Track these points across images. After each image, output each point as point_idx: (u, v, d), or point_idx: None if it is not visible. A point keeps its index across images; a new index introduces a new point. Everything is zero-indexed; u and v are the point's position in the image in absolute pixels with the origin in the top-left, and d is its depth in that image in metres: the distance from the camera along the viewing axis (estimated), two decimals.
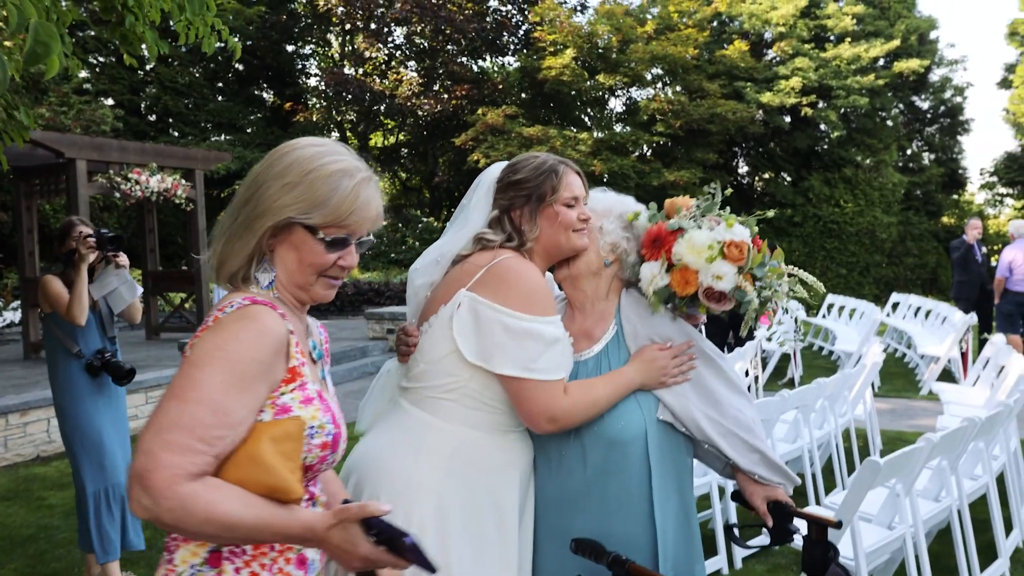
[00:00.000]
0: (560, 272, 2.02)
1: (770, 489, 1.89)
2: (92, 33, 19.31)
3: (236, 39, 3.61)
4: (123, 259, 3.80)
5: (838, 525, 1.73)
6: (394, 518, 1.74)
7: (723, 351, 6.33)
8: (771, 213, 1.89)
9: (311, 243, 1.42)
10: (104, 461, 3.78)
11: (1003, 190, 22.67)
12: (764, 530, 1.90)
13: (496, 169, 2.01)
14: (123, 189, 10.39)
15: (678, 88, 20.05)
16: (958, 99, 22.56)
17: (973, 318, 8.85)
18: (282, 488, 1.30)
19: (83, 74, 20.21)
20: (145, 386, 7.50)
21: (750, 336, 7.49)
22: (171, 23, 3.26)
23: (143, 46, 3.17)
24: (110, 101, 20.75)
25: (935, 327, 10.33)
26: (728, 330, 8.77)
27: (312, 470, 1.43)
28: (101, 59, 20.81)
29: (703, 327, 9.18)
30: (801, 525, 1.86)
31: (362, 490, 1.84)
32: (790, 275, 1.90)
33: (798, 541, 1.90)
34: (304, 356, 1.45)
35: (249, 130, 22.55)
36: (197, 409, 1.25)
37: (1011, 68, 21.16)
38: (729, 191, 2.06)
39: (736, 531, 2.01)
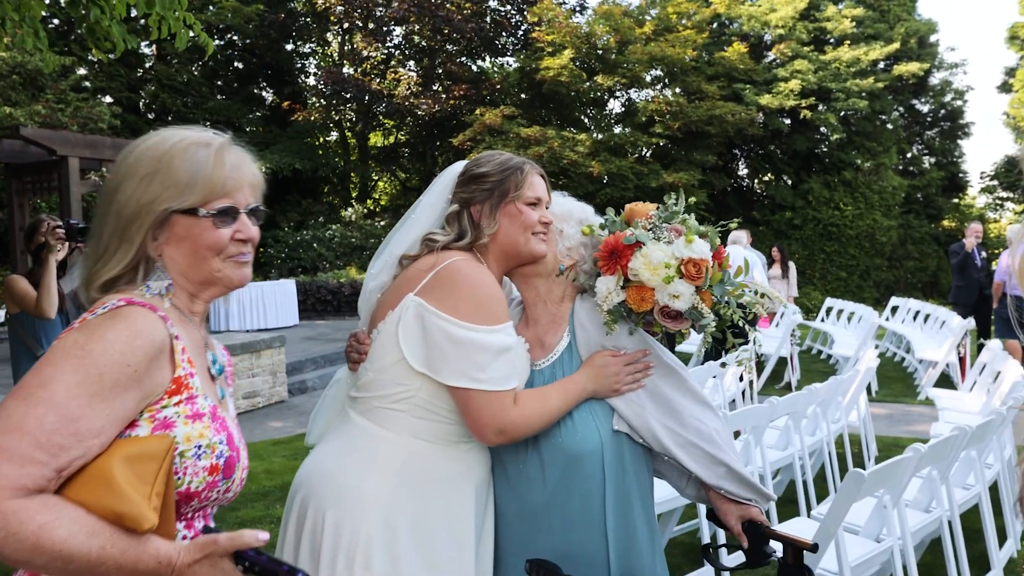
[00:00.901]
0: (542, 255, 1.90)
1: (744, 508, 1.81)
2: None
3: (224, 36, 3.53)
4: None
5: (814, 548, 1.64)
6: (341, 535, 1.68)
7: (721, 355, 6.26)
8: (735, 223, 1.82)
9: (197, 225, 1.29)
10: None
11: (1003, 194, 22.59)
12: (742, 550, 1.82)
13: (458, 166, 1.94)
14: None
15: (677, 89, 19.97)
16: (958, 102, 22.48)
17: (971, 323, 8.77)
18: (131, 515, 1.10)
19: (81, 71, 20.15)
20: None
21: (745, 340, 7.39)
22: (144, 18, 3.18)
23: (112, 41, 3.10)
24: (108, 99, 20.69)
25: (934, 331, 10.25)
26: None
27: (196, 498, 1.26)
28: (112, 56, 20.74)
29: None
30: (778, 547, 1.78)
31: (307, 506, 1.76)
32: (755, 292, 1.84)
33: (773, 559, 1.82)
34: (194, 367, 1.30)
35: (248, 129, 22.48)
36: (42, 412, 1.08)
37: (1011, 72, 21.07)
38: (711, 196, 1.99)
39: (713, 551, 1.93)
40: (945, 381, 9.22)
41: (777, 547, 1.75)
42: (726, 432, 1.88)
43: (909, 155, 23.01)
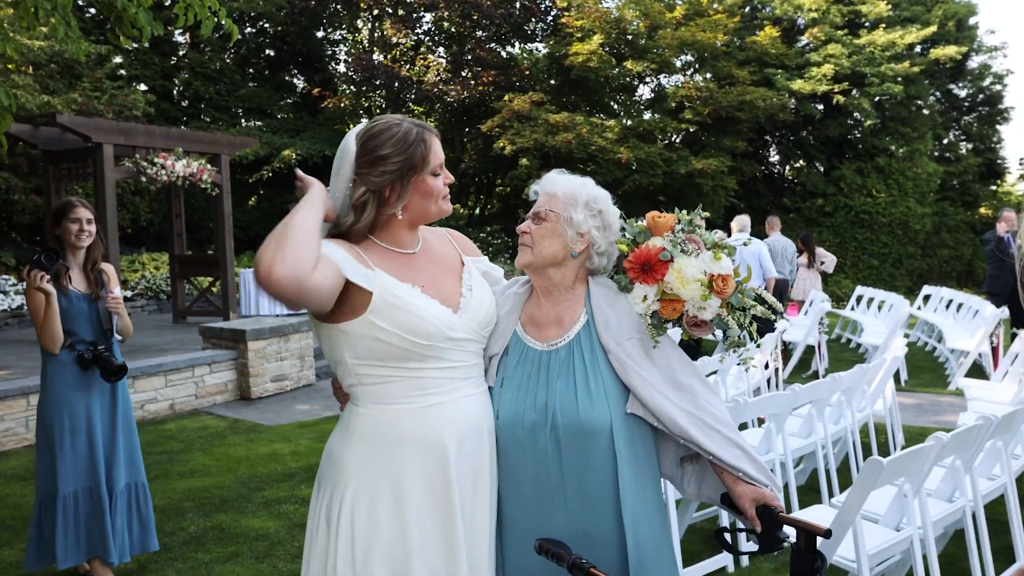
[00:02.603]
0: (525, 265, 1.98)
1: (758, 491, 1.81)
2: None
3: (255, 24, 3.58)
4: (116, 298, 3.74)
5: (827, 534, 1.65)
6: (332, 506, 1.83)
7: None
8: (731, 249, 1.92)
9: None
10: (90, 459, 3.64)
11: None
12: (755, 535, 1.83)
13: (351, 143, 1.84)
14: (149, 173, 10.50)
15: (707, 75, 19.71)
16: (997, 87, 21.93)
17: (1005, 312, 8.60)
18: None
19: (116, 60, 20.44)
20: (164, 369, 7.58)
21: (770, 328, 7.35)
22: (169, 4, 3.23)
23: (139, 28, 3.15)
24: (143, 87, 20.97)
25: (966, 321, 10.08)
26: None
27: None
28: (135, 45, 21.02)
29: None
30: (792, 533, 1.78)
31: (320, 480, 1.92)
32: (756, 298, 1.94)
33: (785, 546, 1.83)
34: None
35: (279, 116, 22.65)
36: None
37: None
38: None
39: (727, 536, 1.94)
40: (977, 371, 9.08)
41: (790, 533, 1.75)
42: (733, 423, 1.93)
43: (945, 141, 22.53)
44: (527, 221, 1.98)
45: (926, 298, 12.62)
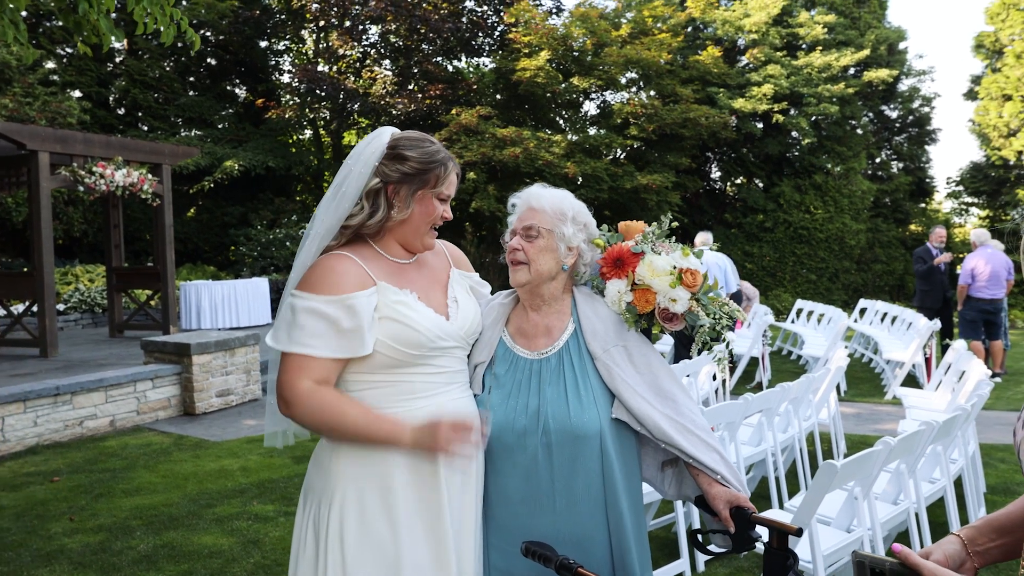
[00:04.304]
0: (522, 284, 2.02)
1: (732, 493, 1.88)
2: (60, 24, 18.94)
3: (207, 33, 3.53)
4: None
5: (799, 533, 1.71)
6: (320, 513, 1.84)
7: (688, 357, 6.38)
8: (715, 245, 2.06)
9: None
10: None
11: (968, 199, 23.03)
12: (727, 536, 1.88)
13: (385, 135, 1.96)
14: (87, 183, 10.21)
15: (652, 92, 20.12)
16: (926, 109, 22.90)
17: (937, 324, 8.97)
18: None
19: (50, 65, 19.81)
20: (105, 384, 7.35)
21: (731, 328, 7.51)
22: (130, 12, 3.17)
23: (99, 35, 3.08)
24: (77, 93, 20.37)
25: (900, 333, 10.47)
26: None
27: None
28: (69, 50, 20.41)
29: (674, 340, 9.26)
30: (763, 532, 1.84)
31: (307, 496, 1.92)
32: (722, 304, 2.02)
33: (757, 546, 1.88)
34: None
35: (220, 126, 22.25)
36: None
37: (977, 80, 21.52)
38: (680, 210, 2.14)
39: (700, 537, 1.99)
40: (911, 381, 9.43)
41: (763, 533, 1.81)
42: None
43: (878, 160, 23.39)
44: (516, 238, 2.00)
45: (862, 311, 13.06)
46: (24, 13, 17.32)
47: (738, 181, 22.92)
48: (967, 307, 9.93)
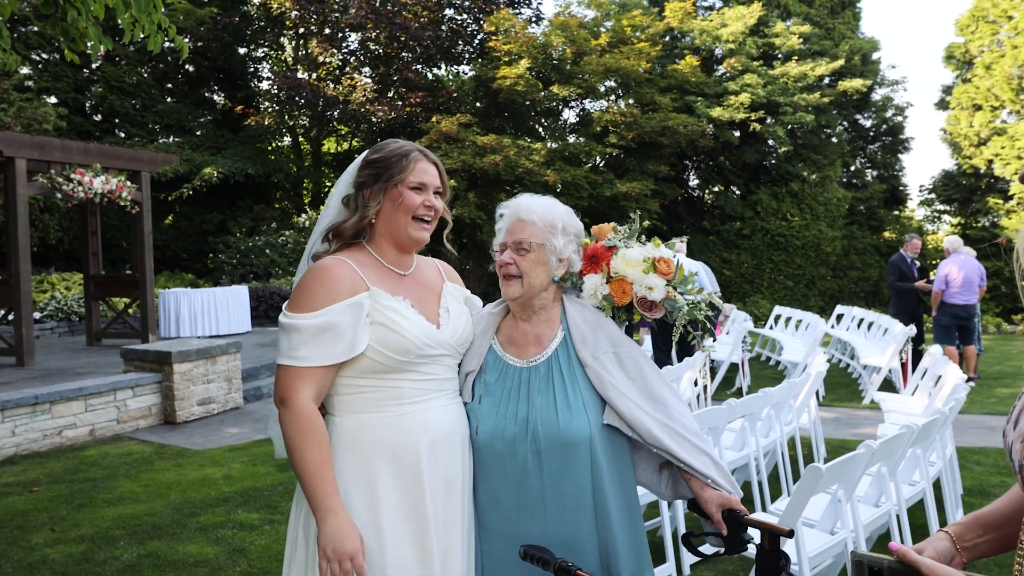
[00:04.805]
0: (515, 298, 2.05)
1: (724, 496, 1.91)
2: (35, 29, 18.75)
3: (186, 39, 3.54)
4: None
5: (790, 534, 1.75)
6: (311, 514, 1.83)
7: (669, 364, 6.43)
8: (685, 238, 2.14)
9: None
10: None
11: (940, 207, 23.41)
12: (719, 538, 1.92)
13: (364, 154, 2.09)
14: (65, 190, 10.11)
15: (631, 101, 20.28)
16: (899, 118, 23.26)
17: (912, 330, 9.11)
18: None
19: (25, 70, 19.57)
20: (85, 393, 7.27)
21: (693, 347, 7.58)
22: (118, 20, 3.17)
23: (87, 42, 3.08)
24: (53, 99, 20.12)
25: (877, 338, 10.61)
26: (671, 345, 8.90)
27: None
28: (44, 56, 20.19)
29: (650, 343, 9.33)
30: (755, 534, 1.88)
31: (299, 492, 1.92)
32: (699, 291, 2.10)
33: (749, 548, 1.92)
34: None
35: (198, 132, 22.09)
36: None
37: (948, 90, 21.92)
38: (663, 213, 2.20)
39: (692, 538, 2.03)
40: (888, 386, 9.57)
41: (754, 534, 1.85)
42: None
43: (852, 168, 23.71)
44: (508, 252, 2.04)
45: (839, 317, 13.22)
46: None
47: (716, 189, 23.14)
48: (941, 313, 10.10)
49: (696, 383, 7.18)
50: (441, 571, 1.86)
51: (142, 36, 3.28)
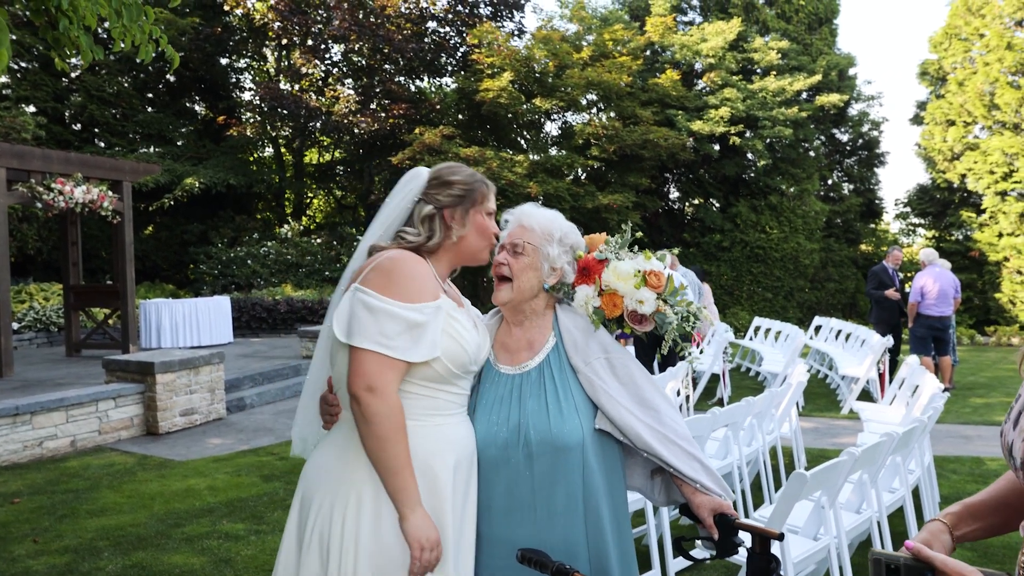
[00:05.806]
0: (504, 303, 2.10)
1: (715, 501, 1.96)
2: (14, 37, 18.58)
3: (177, 50, 3.56)
4: None
5: (780, 537, 1.79)
6: (334, 516, 1.84)
7: (652, 372, 6.50)
8: (676, 250, 2.16)
9: None
10: None
11: (915, 220, 23.77)
12: (711, 542, 1.96)
13: (424, 172, 2.09)
14: (45, 199, 10.04)
15: (612, 114, 20.46)
16: (875, 133, 23.64)
17: (890, 340, 9.26)
18: None
19: (3, 79, 19.39)
20: (66, 404, 7.21)
21: (677, 357, 7.66)
22: (106, 29, 3.19)
23: (76, 51, 3.10)
24: (32, 108, 19.95)
25: (855, 349, 10.76)
26: (655, 353, 8.97)
27: None
28: (23, 64, 20.02)
29: (633, 350, 9.40)
30: (745, 538, 1.92)
31: (308, 501, 1.90)
32: (688, 304, 2.12)
33: (740, 551, 1.96)
34: None
35: (180, 143, 21.98)
36: None
37: (922, 105, 22.31)
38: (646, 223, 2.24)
39: (684, 543, 2.07)
40: (865, 396, 9.70)
41: (745, 538, 1.89)
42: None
43: (830, 182, 24.04)
44: (503, 253, 2.09)
45: (817, 328, 13.39)
46: None
47: (696, 201, 23.36)
48: (917, 324, 10.26)
49: (679, 392, 7.26)
50: (455, 570, 1.88)
51: (133, 45, 3.30)
